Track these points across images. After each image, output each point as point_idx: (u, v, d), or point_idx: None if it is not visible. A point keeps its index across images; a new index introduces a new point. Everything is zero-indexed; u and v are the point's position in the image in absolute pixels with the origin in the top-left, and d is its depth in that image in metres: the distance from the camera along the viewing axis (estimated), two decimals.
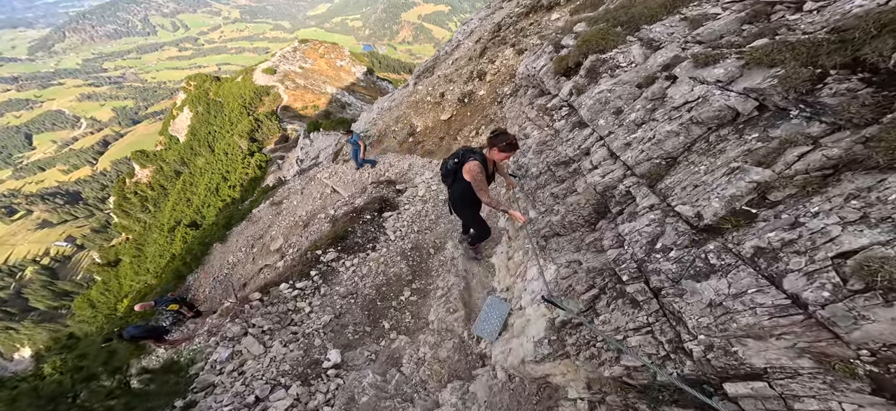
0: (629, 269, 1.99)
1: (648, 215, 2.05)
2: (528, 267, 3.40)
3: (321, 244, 5.51)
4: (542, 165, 3.72)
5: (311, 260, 5.16)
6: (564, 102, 4.20)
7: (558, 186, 3.33)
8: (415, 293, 5.29)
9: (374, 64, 62.41)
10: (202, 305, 10.34)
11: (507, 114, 8.60)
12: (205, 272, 10.99)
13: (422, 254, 5.95)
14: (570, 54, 4.66)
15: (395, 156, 11.06)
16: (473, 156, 3.10)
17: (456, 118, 10.61)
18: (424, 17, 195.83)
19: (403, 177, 9.59)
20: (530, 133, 4.43)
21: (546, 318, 2.74)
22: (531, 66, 5.66)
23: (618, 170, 2.56)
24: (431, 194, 7.63)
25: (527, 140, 4.38)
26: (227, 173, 37.13)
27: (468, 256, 5.22)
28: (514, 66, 9.79)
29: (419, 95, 11.90)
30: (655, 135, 2.34)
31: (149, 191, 50.63)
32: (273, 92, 43.50)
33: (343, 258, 5.34)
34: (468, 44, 13.50)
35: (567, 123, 3.89)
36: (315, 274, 4.89)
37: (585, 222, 2.75)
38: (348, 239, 5.72)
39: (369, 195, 8.03)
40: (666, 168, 2.20)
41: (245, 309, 4.22)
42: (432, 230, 6.52)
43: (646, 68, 3.17)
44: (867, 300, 1.20)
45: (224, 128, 45.71)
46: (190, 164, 48.11)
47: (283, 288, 4.56)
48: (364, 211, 6.52)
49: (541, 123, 4.32)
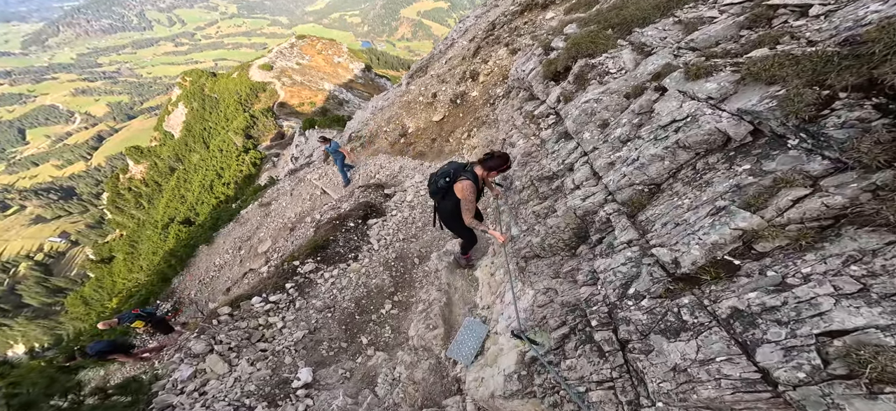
0: (599, 314, 1.78)
1: (625, 252, 1.84)
2: (506, 289, 3.19)
3: (300, 253, 5.29)
4: (526, 179, 3.51)
5: (288, 271, 4.93)
6: (552, 110, 3.99)
7: (540, 204, 3.11)
8: (396, 306, 5.09)
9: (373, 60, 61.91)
10: (187, 309, 10.10)
11: (499, 115, 8.37)
12: (190, 274, 10.74)
13: (406, 265, 5.74)
14: (559, 57, 4.44)
15: (386, 158, 10.82)
16: (465, 175, 3.15)
17: (448, 119, 10.37)
18: (423, 13, 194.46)
19: (393, 180, 9.36)
20: (516, 142, 4.21)
21: (517, 351, 2.54)
22: (520, 69, 5.44)
23: (599, 194, 2.35)
24: (420, 200, 7.42)
25: (512, 149, 4.16)
26: (221, 170, 36.73)
27: (457, 265, 5.02)
28: (507, 67, 9.56)
29: (411, 95, 11.65)
30: (639, 158, 2.13)
31: (143, 187, 50.17)
32: (270, 88, 43.05)
33: (322, 269, 5.12)
34: (462, 42, 13.25)
35: (553, 133, 3.67)
36: (291, 286, 4.67)
37: (565, 246, 2.55)
38: (329, 248, 5.49)
39: (356, 200, 7.80)
40: (648, 196, 1.99)
41: (212, 324, 4.00)
42: (418, 238, 6.31)
43: (635, 76, 2.96)
44: (848, 388, 1.01)
45: (219, 124, 45.31)
46: (184, 161, 47.67)
47: (254, 301, 4.34)
48: (348, 217, 6.29)
49: (527, 132, 4.11)
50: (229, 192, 30.91)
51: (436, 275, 5.15)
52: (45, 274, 63.95)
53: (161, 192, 46.06)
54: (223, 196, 30.96)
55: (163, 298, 10.25)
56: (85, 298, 38.32)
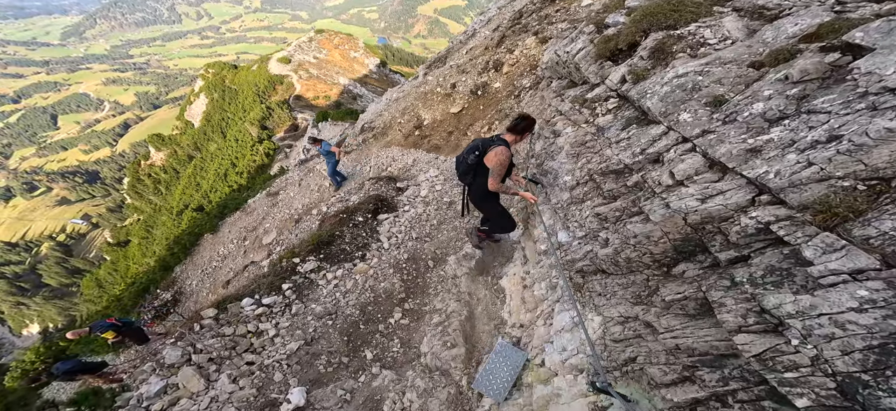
0: (810, 387, 1.01)
1: (847, 288, 1.06)
2: (557, 311, 2.44)
3: (300, 250, 4.64)
4: (581, 173, 2.77)
5: (286, 269, 4.29)
6: (612, 92, 3.22)
7: (606, 205, 2.39)
8: (407, 315, 4.38)
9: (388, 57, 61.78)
10: (185, 301, 9.67)
11: (525, 108, 7.59)
12: (193, 263, 10.32)
13: (419, 267, 5.03)
14: (619, 33, 3.67)
15: (399, 150, 10.17)
16: (497, 143, 3.02)
17: (467, 111, 9.64)
18: (440, 11, 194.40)
19: (406, 173, 8.69)
20: (562, 129, 3.46)
21: (587, 401, 1.78)
22: (563, 51, 4.67)
23: (736, 194, 1.56)
24: (435, 195, 6.71)
25: (556, 138, 3.41)
26: (235, 159, 37.07)
27: (478, 246, 4.28)
28: (535, 56, 8.76)
29: (429, 86, 10.98)
30: (848, 137, 1.33)
31: (162, 174, 51.39)
32: (286, 81, 43.33)
33: (325, 269, 4.46)
34: (485, 32, 12.51)
35: (617, 119, 2.91)
36: (288, 287, 4.02)
37: (655, 263, 1.78)
38: (334, 245, 4.83)
39: (366, 192, 7.15)
40: (867, 197, 1.19)
41: (193, 329, 3.37)
42: (433, 238, 5.60)
43: (763, 43, 2.17)
44: None
45: (237, 115, 46.00)
46: (202, 149, 48.61)
47: (245, 304, 3.70)
48: (356, 211, 5.63)
49: (577, 118, 3.35)
50: (242, 181, 31.01)
51: (454, 281, 4.42)
52: (65, 254, 66.22)
53: (179, 179, 46.97)
54: (236, 184, 31.05)
55: (164, 287, 9.85)
56: (99, 280, 39.21)
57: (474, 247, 4.40)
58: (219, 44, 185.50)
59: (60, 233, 74.10)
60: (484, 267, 4.56)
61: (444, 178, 7.26)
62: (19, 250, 68.79)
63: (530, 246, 3.76)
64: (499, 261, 4.82)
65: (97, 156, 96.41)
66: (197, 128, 51.22)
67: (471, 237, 4.31)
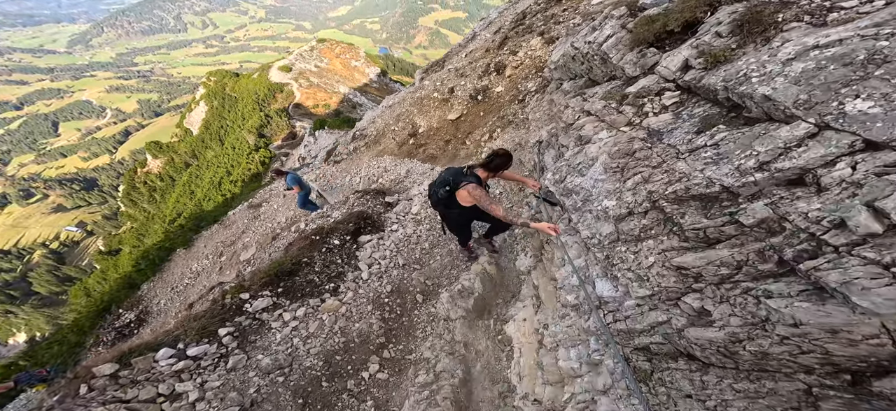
0: None
1: None
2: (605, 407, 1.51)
3: (253, 282, 3.72)
4: (635, 197, 1.92)
5: (230, 308, 3.36)
6: (669, 83, 2.38)
7: (695, 253, 1.61)
8: (386, 366, 3.43)
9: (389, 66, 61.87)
10: (151, 322, 8.69)
11: (530, 114, 6.75)
12: (162, 280, 9.36)
13: (404, 302, 4.10)
14: (667, 12, 2.83)
15: (392, 160, 9.32)
16: (466, 180, 2.88)
17: (466, 118, 8.83)
18: (441, 22, 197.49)
19: (398, 186, 7.81)
20: (593, 134, 2.59)
21: None
22: (584, 42, 3.84)
23: None
24: (428, 213, 5.82)
25: (586, 147, 2.54)
26: (231, 167, 36.39)
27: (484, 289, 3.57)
28: (541, 58, 7.99)
29: (425, 91, 10.20)
30: None
31: (158, 182, 50.74)
32: (286, 89, 43.05)
33: (282, 307, 3.52)
34: (486, 35, 11.82)
35: (682, 118, 2.08)
36: (227, 333, 3.08)
37: (828, 367, 0.88)
38: (299, 275, 3.91)
39: (350, 208, 6.24)
40: None
41: (78, 392, 2.44)
42: (423, 265, 4.68)
43: None
44: None
45: (236, 122, 45.66)
46: (200, 157, 48.09)
47: (161, 355, 2.77)
48: (332, 232, 4.72)
49: (614, 119, 2.49)
50: (236, 190, 30.21)
51: (446, 326, 3.47)
52: (57, 262, 65.05)
53: (174, 187, 46.24)
54: (230, 193, 30.25)
55: (127, 307, 8.87)
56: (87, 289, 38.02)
57: (465, 261, 4.35)
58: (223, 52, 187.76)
59: (54, 240, 73.05)
60: (484, 306, 3.63)
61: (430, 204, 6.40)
62: (11, 258, 67.64)
63: (546, 285, 2.85)
64: (502, 296, 3.88)
65: (96, 163, 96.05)
66: (195, 135, 50.83)
67: (461, 256, 4.32)
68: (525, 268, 3.84)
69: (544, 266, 3.12)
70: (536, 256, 3.77)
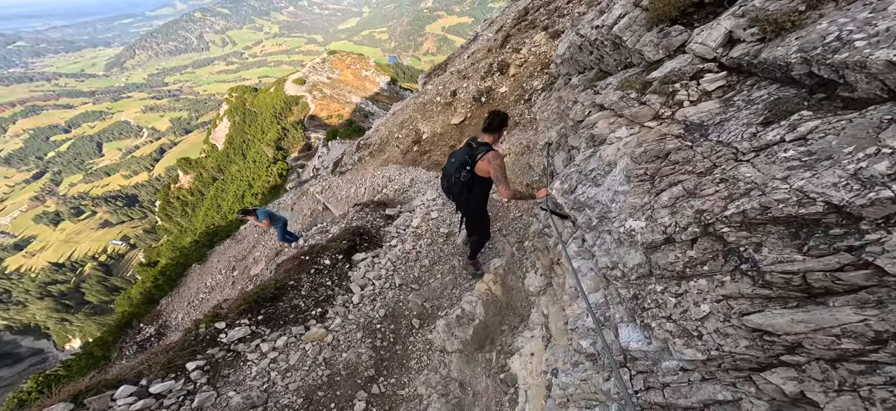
0: None
1: None
2: None
3: (231, 309, 3.62)
4: (674, 218, 1.51)
5: (203, 339, 3.27)
6: (710, 63, 2.02)
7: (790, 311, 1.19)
8: (375, 403, 3.23)
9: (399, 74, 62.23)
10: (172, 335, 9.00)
11: (537, 114, 6.37)
12: (179, 295, 9.70)
13: (398, 328, 3.89)
14: None
15: (396, 169, 9.18)
16: (482, 150, 2.86)
17: (470, 121, 8.53)
18: (448, 28, 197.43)
19: (402, 196, 7.64)
20: (608, 133, 2.24)
21: None
22: (590, 28, 3.45)
23: None
24: (430, 225, 5.59)
25: (600, 149, 2.19)
26: (252, 181, 37.74)
27: (486, 314, 3.32)
28: (546, 54, 7.57)
29: (428, 96, 9.98)
30: None
31: (189, 196, 53.58)
32: (302, 101, 44.21)
33: (261, 337, 3.40)
34: (488, 35, 11.45)
35: (734, 107, 1.71)
36: (196, 367, 2.98)
37: None
38: (282, 300, 3.78)
39: (348, 222, 6.12)
40: None
41: None
42: (423, 285, 4.46)
43: None
44: None
45: (256, 136, 47.41)
46: (225, 171, 50.32)
47: (120, 393, 2.70)
48: (324, 251, 4.58)
49: (636, 113, 2.13)
50: (257, 203, 31.31)
51: (441, 359, 3.23)
52: (105, 274, 70.25)
53: (203, 201, 48.65)
54: (251, 205, 31.32)
55: (148, 321, 9.24)
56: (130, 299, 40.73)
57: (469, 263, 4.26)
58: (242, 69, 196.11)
59: (102, 253, 78.92)
60: (486, 335, 3.35)
61: (443, 202, 6.15)
62: (65, 270, 73.72)
63: (556, 317, 2.52)
64: (509, 321, 3.58)
65: (136, 180, 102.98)
66: (221, 150, 53.26)
67: (467, 268, 4.28)
68: (535, 288, 3.50)
69: (554, 291, 2.78)
70: (546, 276, 3.42)
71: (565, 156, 3.61)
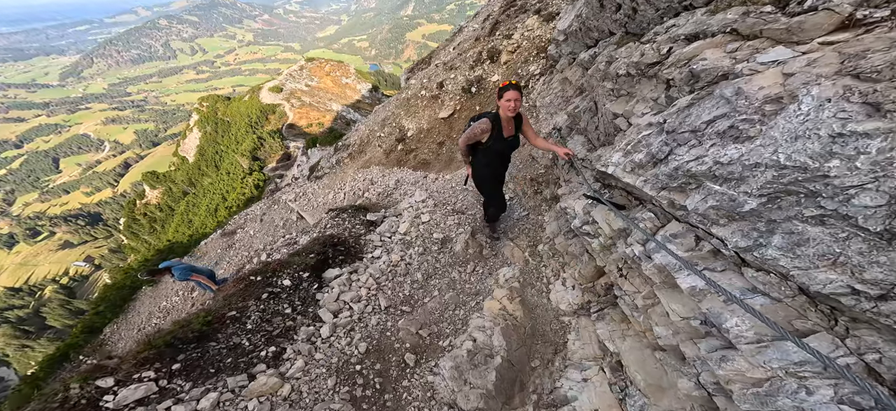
0: None
1: None
2: None
3: (126, 358, 2.61)
4: None
5: (76, 406, 2.27)
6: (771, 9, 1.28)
7: None
8: None
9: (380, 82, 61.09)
10: None
11: (537, 100, 5.65)
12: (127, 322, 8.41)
13: (386, 368, 3.01)
14: None
15: (379, 170, 8.27)
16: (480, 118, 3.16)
17: (460, 115, 7.75)
18: (428, 36, 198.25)
19: (387, 200, 6.74)
20: (739, 65, 1.48)
21: None
22: None
23: None
24: (421, 231, 4.74)
25: (734, 83, 1.42)
26: (226, 193, 35.66)
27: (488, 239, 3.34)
28: (542, 37, 6.89)
29: (411, 90, 9.14)
30: None
31: (157, 212, 50.33)
32: (279, 110, 42.40)
33: (173, 395, 2.43)
34: (473, 26, 10.75)
35: None
36: None
37: None
38: (214, 339, 2.81)
39: (321, 230, 5.17)
40: None
41: None
42: (415, 305, 3.60)
43: None
44: None
45: (230, 147, 45.22)
46: (197, 184, 47.65)
47: None
48: (284, 268, 3.62)
49: (802, 25, 1.37)
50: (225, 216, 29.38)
51: None
52: (68, 297, 65.16)
53: (173, 217, 45.72)
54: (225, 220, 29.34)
55: (88, 353, 7.90)
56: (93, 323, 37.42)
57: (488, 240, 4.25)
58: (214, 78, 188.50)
59: (64, 276, 73.22)
60: (513, 377, 2.54)
61: (435, 204, 5.31)
62: (23, 294, 68.05)
63: (636, 353, 1.71)
64: (539, 354, 2.78)
65: (99, 197, 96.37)
66: (191, 162, 50.42)
67: (483, 232, 4.36)
68: (568, 306, 2.71)
69: (623, 314, 1.99)
70: (591, 291, 2.60)
71: (591, 135, 2.87)
